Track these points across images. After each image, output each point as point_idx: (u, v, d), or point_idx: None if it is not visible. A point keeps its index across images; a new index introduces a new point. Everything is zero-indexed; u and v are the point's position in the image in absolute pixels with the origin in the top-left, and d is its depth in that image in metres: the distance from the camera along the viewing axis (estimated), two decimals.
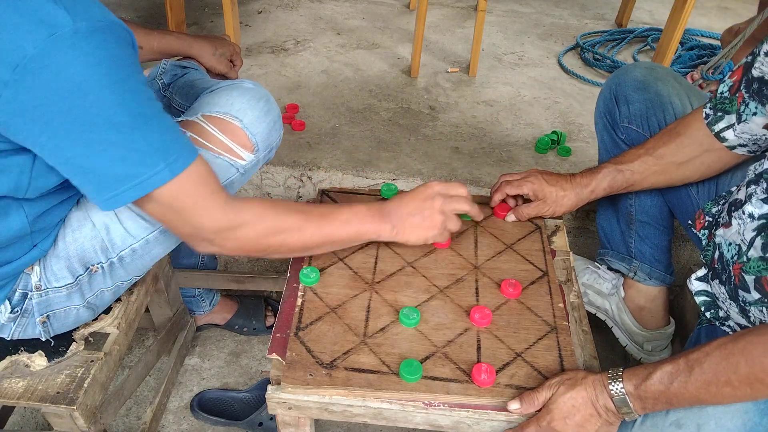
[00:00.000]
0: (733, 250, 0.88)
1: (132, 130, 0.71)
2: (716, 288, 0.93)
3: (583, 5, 2.53)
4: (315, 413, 0.88)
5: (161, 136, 0.74)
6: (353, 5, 2.41)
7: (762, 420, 0.78)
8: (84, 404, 0.92)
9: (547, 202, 1.09)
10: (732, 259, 0.88)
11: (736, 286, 0.86)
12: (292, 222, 0.89)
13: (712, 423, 0.79)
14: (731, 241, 0.89)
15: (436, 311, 0.97)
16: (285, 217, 0.89)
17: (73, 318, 0.95)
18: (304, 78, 1.87)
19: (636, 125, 1.14)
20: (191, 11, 2.23)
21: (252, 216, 0.86)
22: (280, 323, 0.95)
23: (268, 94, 0.99)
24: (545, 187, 1.08)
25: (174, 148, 0.76)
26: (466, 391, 0.85)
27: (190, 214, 0.80)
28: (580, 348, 0.94)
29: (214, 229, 0.83)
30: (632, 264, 1.26)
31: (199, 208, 0.80)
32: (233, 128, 0.94)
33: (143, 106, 0.73)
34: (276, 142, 1.02)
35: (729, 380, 0.72)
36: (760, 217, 0.84)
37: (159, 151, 0.74)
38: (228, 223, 0.83)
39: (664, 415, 0.81)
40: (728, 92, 0.97)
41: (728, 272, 0.89)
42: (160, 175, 0.74)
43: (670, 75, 1.15)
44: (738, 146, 0.98)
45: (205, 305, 1.44)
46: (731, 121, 0.96)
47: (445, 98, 1.82)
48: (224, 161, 0.94)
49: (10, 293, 0.88)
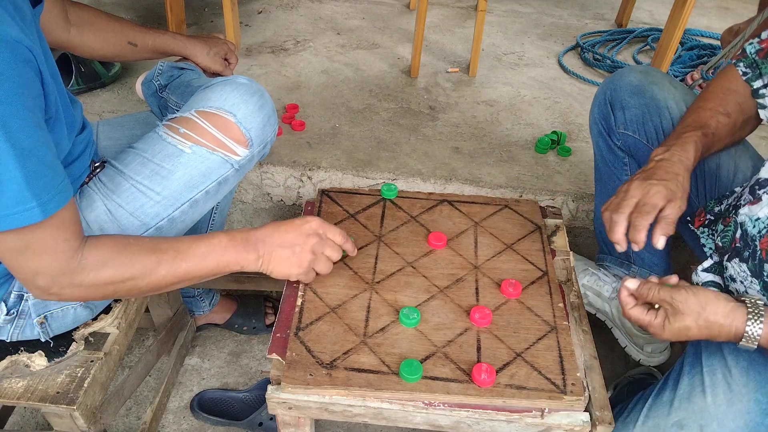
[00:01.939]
0: (761, 224, 0.86)
1: (10, 159, 0.66)
2: (734, 269, 0.90)
3: (583, 5, 2.53)
4: (315, 413, 0.88)
5: (40, 172, 0.69)
6: (353, 5, 2.41)
7: (764, 420, 0.78)
8: (84, 404, 0.92)
9: (678, 197, 0.90)
10: (759, 233, 0.86)
11: (762, 260, 0.84)
12: (141, 267, 0.82)
13: (714, 424, 0.79)
14: (758, 216, 0.87)
15: (436, 311, 0.97)
16: (133, 262, 0.81)
17: (71, 318, 0.94)
18: (304, 78, 1.87)
19: (632, 131, 1.13)
20: (191, 11, 2.23)
21: (97, 261, 0.79)
22: (280, 323, 0.95)
23: (262, 89, 0.99)
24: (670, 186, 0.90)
25: (50, 187, 0.70)
26: (466, 391, 0.85)
27: (33, 257, 0.74)
28: (580, 348, 0.94)
29: (53, 274, 0.76)
30: (631, 269, 1.26)
31: (47, 252, 0.74)
32: (227, 123, 0.94)
33: (26, 136, 0.67)
34: (271, 138, 1.02)
35: None
36: None
37: (34, 189, 0.68)
38: (68, 272, 0.77)
39: (666, 415, 0.81)
40: (756, 55, 0.96)
41: (753, 247, 0.87)
42: (30, 213, 0.69)
43: (666, 78, 1.14)
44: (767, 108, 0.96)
45: (205, 305, 1.44)
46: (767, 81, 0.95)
47: (445, 98, 1.82)
48: (218, 157, 0.94)
49: (5, 295, 0.88)
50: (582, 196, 1.44)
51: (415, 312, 0.94)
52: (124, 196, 0.90)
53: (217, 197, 1.00)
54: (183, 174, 0.92)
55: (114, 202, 0.90)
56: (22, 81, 0.67)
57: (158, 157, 0.93)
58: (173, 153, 0.92)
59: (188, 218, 0.97)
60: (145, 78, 1.24)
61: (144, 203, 0.91)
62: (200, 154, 0.93)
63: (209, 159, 0.94)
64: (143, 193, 0.91)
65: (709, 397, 0.81)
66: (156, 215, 0.92)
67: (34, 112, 0.69)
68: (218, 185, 0.97)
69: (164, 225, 0.94)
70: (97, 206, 0.90)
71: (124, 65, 1.82)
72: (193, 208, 0.96)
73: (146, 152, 0.93)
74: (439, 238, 1.09)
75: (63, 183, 0.73)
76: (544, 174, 1.51)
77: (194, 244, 0.87)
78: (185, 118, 0.95)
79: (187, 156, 0.93)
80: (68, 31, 1.08)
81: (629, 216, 0.89)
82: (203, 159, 0.94)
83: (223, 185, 0.98)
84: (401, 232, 1.12)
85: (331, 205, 1.17)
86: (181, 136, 0.93)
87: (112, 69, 1.77)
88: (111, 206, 0.90)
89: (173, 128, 0.94)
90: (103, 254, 0.80)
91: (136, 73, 1.82)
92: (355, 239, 1.09)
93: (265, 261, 0.90)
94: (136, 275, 0.82)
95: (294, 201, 1.52)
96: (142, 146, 0.95)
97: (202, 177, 0.95)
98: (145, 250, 0.83)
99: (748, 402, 0.79)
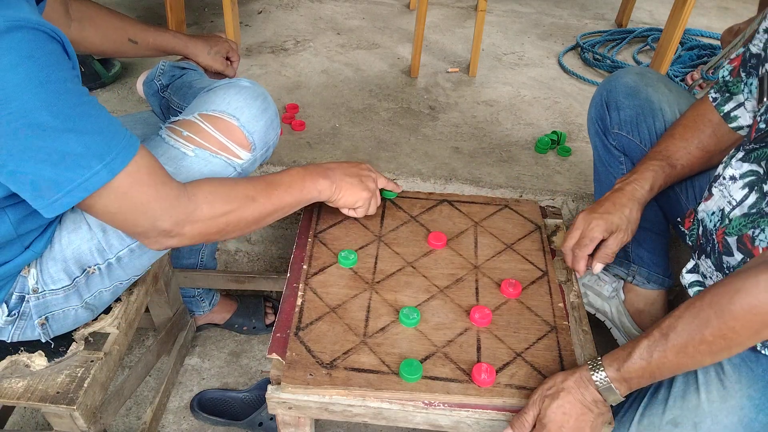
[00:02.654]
0: (716, 218, 0.89)
1: (61, 133, 0.68)
2: (704, 266, 0.93)
3: (583, 5, 2.53)
4: (315, 413, 0.88)
5: (94, 136, 0.71)
6: (353, 5, 2.41)
7: (758, 416, 0.79)
8: (84, 404, 0.92)
9: (622, 229, 0.99)
10: (714, 227, 0.89)
11: (720, 254, 0.87)
12: (243, 196, 0.88)
13: (708, 420, 0.79)
14: (713, 210, 0.90)
15: (436, 311, 0.97)
16: (236, 193, 0.88)
17: (72, 319, 0.94)
18: (304, 78, 1.87)
19: (626, 131, 1.14)
20: (191, 11, 2.23)
21: (205, 196, 0.84)
22: (280, 323, 0.95)
23: (265, 93, 0.99)
24: (611, 219, 0.98)
25: (111, 147, 0.72)
26: (466, 391, 0.85)
27: (142, 210, 0.78)
28: (580, 348, 0.94)
29: (171, 220, 0.80)
30: (630, 268, 1.26)
31: (150, 201, 0.77)
32: (230, 127, 0.94)
33: (72, 106, 0.69)
34: (273, 141, 1.02)
35: (703, 337, 0.73)
36: (742, 176, 0.85)
37: (93, 152, 0.71)
38: (184, 210, 0.81)
39: (661, 413, 0.82)
40: (729, 76, 0.97)
41: (712, 242, 0.89)
42: (98, 177, 0.71)
43: (661, 81, 1.15)
44: (744, 128, 0.98)
45: (205, 305, 1.44)
46: (740, 100, 0.96)
47: (445, 98, 1.82)
48: (221, 160, 0.94)
49: (6, 296, 0.87)
50: (582, 196, 1.44)
51: (415, 312, 0.94)
52: None
53: None
54: (186, 177, 0.92)
55: None
56: (63, 57, 0.69)
57: (161, 159, 0.92)
58: (176, 156, 0.92)
59: None
60: (147, 77, 1.24)
61: None
62: (203, 157, 0.93)
63: (212, 162, 0.94)
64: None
65: (703, 394, 0.81)
66: None
67: (73, 81, 0.70)
68: None
69: None
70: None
71: (124, 65, 1.82)
72: None
73: None
74: (439, 238, 1.09)
75: (125, 138, 0.75)
76: (544, 174, 1.51)
77: (277, 176, 0.95)
78: (188, 121, 0.95)
79: (190, 159, 0.93)
80: (69, 26, 1.08)
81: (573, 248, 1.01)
82: (206, 162, 0.93)
83: None
84: (401, 232, 1.12)
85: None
86: (184, 139, 0.93)
87: (113, 69, 1.77)
88: None
89: (176, 131, 0.94)
90: (207, 189, 0.85)
91: (137, 73, 1.82)
92: (354, 240, 1.09)
93: (338, 188, 1.01)
94: (240, 205, 0.87)
95: None
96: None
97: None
98: (239, 184, 0.89)
99: (741, 398, 0.80)
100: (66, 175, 0.70)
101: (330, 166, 1.02)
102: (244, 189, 0.89)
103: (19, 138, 0.66)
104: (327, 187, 0.99)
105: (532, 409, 0.81)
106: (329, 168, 1.01)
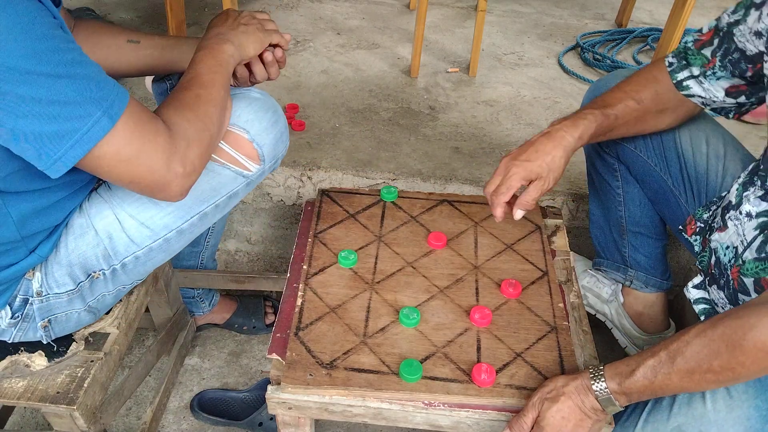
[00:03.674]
0: (730, 253, 0.88)
1: (53, 79, 0.65)
2: (715, 294, 0.92)
3: (583, 5, 2.53)
4: (315, 413, 0.88)
5: (87, 82, 0.68)
6: (353, 5, 2.41)
7: (764, 426, 0.77)
8: (84, 404, 0.92)
9: (542, 177, 0.96)
10: (729, 262, 0.88)
11: (736, 290, 0.86)
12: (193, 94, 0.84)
13: (714, 429, 0.78)
14: (728, 244, 0.89)
15: (436, 311, 0.97)
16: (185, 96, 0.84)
17: (75, 322, 0.94)
18: (304, 78, 1.87)
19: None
20: (191, 11, 2.22)
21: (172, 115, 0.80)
22: (280, 323, 0.95)
23: (275, 105, 0.98)
24: (530, 167, 0.96)
25: (106, 93, 0.70)
26: (466, 391, 0.85)
27: (147, 155, 0.74)
28: (580, 348, 0.95)
29: (176, 148, 0.77)
30: (628, 273, 1.26)
31: (152, 140, 0.74)
32: (240, 140, 0.93)
33: (60, 52, 0.66)
34: (282, 153, 1.01)
35: (711, 367, 0.72)
36: (758, 215, 0.84)
37: (89, 98, 0.68)
38: (176, 133, 0.78)
39: (665, 420, 0.81)
40: (693, 45, 0.96)
41: (726, 276, 0.88)
42: (100, 125, 0.69)
43: None
44: (696, 96, 0.97)
45: (205, 306, 1.44)
46: (694, 72, 0.96)
47: (445, 98, 1.82)
48: (230, 172, 0.94)
49: (10, 299, 0.87)
50: (582, 196, 1.44)
51: (415, 312, 0.94)
52: (135, 205, 0.89)
53: (226, 210, 1.00)
54: (194, 187, 0.92)
55: (124, 211, 0.89)
56: (32, 5, 0.66)
57: None
58: None
59: (196, 230, 0.97)
60: (157, 75, 1.21)
61: (154, 214, 0.90)
62: (212, 168, 0.92)
63: (221, 174, 0.93)
64: (154, 203, 0.90)
65: (708, 403, 0.80)
66: (165, 226, 0.91)
67: (57, 28, 0.68)
68: (228, 199, 0.97)
69: (172, 237, 0.93)
70: (106, 214, 0.89)
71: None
72: (203, 220, 0.96)
73: None
74: (439, 238, 1.09)
75: (115, 84, 0.72)
76: None
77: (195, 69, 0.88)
78: None
79: None
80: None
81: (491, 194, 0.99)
82: (215, 174, 0.93)
83: (233, 199, 0.98)
84: (401, 232, 1.12)
85: (331, 205, 1.17)
86: None
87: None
88: (120, 215, 0.89)
89: None
90: (171, 111, 0.80)
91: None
92: (354, 240, 1.09)
93: (239, 44, 0.94)
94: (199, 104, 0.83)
95: (294, 201, 1.52)
96: None
97: (213, 191, 0.94)
98: (180, 93, 0.84)
99: (748, 408, 0.78)
100: (67, 125, 0.67)
101: (219, 31, 0.95)
102: (187, 93, 0.84)
103: (8, 90, 0.64)
104: (232, 50, 0.92)
105: (531, 411, 0.81)
106: (219, 34, 0.94)
